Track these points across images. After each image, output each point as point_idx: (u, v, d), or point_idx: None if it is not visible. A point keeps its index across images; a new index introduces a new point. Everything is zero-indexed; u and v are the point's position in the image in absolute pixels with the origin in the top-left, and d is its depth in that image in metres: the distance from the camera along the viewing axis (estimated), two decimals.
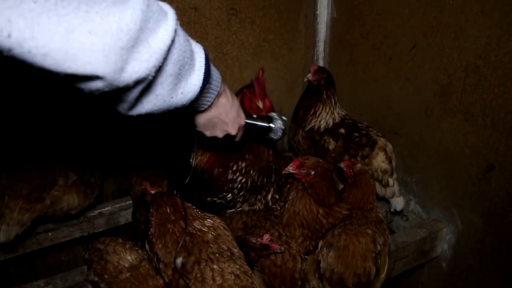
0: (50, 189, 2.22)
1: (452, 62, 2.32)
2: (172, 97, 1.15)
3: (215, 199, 2.12)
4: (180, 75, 1.14)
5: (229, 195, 2.10)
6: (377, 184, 2.55)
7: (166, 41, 1.00)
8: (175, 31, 1.03)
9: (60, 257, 3.15)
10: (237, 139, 1.67)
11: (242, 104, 2.00)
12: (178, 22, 1.06)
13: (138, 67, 0.95)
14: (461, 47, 2.26)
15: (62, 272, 2.32)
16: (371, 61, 2.90)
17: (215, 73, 1.35)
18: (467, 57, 2.24)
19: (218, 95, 1.43)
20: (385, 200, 2.64)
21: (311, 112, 2.66)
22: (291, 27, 3.30)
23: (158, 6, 1.01)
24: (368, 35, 2.87)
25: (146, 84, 1.03)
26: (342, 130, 2.61)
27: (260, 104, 1.97)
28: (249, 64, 3.16)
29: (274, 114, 1.83)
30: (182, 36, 1.09)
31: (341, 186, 2.48)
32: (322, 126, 2.63)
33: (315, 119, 2.64)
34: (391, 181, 2.54)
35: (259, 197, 2.20)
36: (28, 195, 2.12)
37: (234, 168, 2.07)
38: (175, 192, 2.28)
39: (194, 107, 1.39)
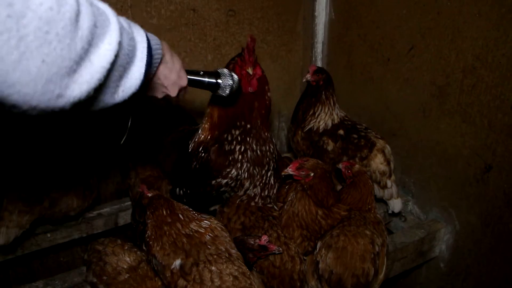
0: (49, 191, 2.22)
1: (450, 63, 2.33)
2: (114, 98, 1.08)
3: (220, 179, 2.13)
4: (121, 77, 1.07)
5: (233, 170, 2.12)
6: (375, 186, 2.55)
7: (109, 58, 0.93)
8: (119, 43, 0.96)
9: (59, 258, 3.15)
10: (179, 98, 1.61)
11: (234, 72, 1.95)
12: (122, 24, 1.00)
13: (78, 91, 0.88)
14: (459, 48, 2.27)
15: (61, 273, 2.32)
16: (369, 62, 2.91)
17: (157, 52, 1.28)
18: (464, 58, 2.25)
19: (158, 65, 1.38)
20: (383, 201, 2.64)
21: (310, 113, 2.66)
22: (290, 28, 3.31)
23: (103, 17, 0.93)
24: (366, 37, 2.88)
25: (85, 99, 0.93)
26: (341, 132, 2.61)
27: (250, 71, 1.98)
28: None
29: (224, 70, 1.75)
30: (125, 35, 1.02)
31: (339, 187, 2.48)
32: (321, 127, 2.63)
33: (314, 120, 2.64)
34: (389, 183, 2.54)
35: (263, 172, 2.21)
36: (27, 197, 2.13)
37: (229, 138, 2.10)
38: (177, 189, 2.29)
39: None
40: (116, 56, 0.95)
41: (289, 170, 2.09)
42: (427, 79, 2.48)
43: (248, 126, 2.11)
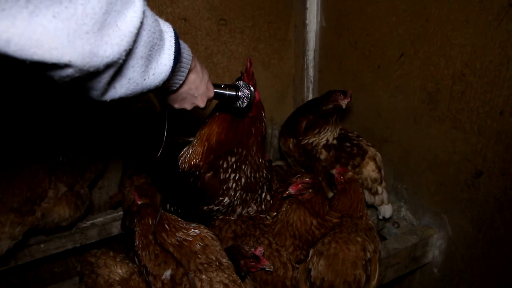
0: (40, 202, 2.23)
1: (439, 70, 2.35)
2: (144, 79, 1.14)
3: (212, 206, 2.10)
4: (151, 57, 1.13)
5: (226, 198, 2.08)
6: (366, 192, 2.58)
7: (136, 23, 0.98)
8: (143, 12, 1.01)
9: (53, 269, 3.15)
10: (205, 109, 1.67)
11: None
12: (146, 2, 1.04)
13: (110, 51, 0.94)
14: (448, 55, 2.29)
15: (55, 284, 2.32)
16: (360, 69, 2.93)
17: (186, 51, 1.35)
18: (453, 65, 2.27)
19: (189, 72, 1.43)
20: (374, 206, 2.66)
21: (315, 131, 2.65)
22: (281, 36, 3.34)
23: None
24: (357, 44, 2.90)
25: (117, 68, 1.01)
26: (334, 141, 2.63)
27: None
28: (240, 73, 3.21)
29: (241, 83, 1.81)
30: (150, 16, 1.07)
31: (330, 194, 2.50)
32: (321, 143, 2.64)
33: (318, 138, 2.64)
34: (380, 189, 2.56)
35: (255, 196, 2.19)
36: (19, 208, 2.13)
37: (225, 166, 2.05)
38: (168, 206, 2.26)
39: (166, 87, 1.39)
40: (142, 23, 1.01)
41: (291, 191, 2.08)
42: (417, 86, 2.50)
43: (245, 152, 2.07)
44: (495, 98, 2.10)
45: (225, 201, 2.08)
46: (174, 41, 1.21)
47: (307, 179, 2.09)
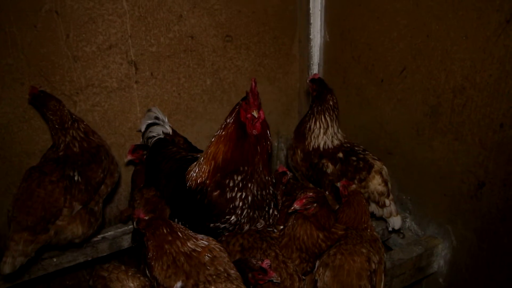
0: (55, 220, 2.26)
1: (440, 84, 2.40)
2: None
3: (218, 224, 2.14)
4: None
5: (232, 217, 2.12)
6: (374, 205, 2.61)
7: None
8: None
9: (65, 281, 3.20)
10: None
11: (238, 115, 2.07)
12: None
13: None
14: (448, 69, 2.34)
15: None
16: (364, 83, 2.98)
17: None
18: (454, 78, 2.32)
19: None
20: (383, 219, 2.68)
21: (307, 128, 2.73)
22: (286, 51, 3.40)
23: None
24: (360, 58, 2.96)
25: None
26: (340, 154, 2.67)
27: (255, 113, 2.01)
28: (246, 88, 3.22)
29: None
30: None
31: (337, 206, 2.53)
32: (321, 146, 2.68)
33: (314, 138, 2.69)
34: (387, 202, 2.58)
35: (263, 213, 2.23)
36: (33, 227, 2.15)
37: (231, 184, 2.09)
38: (176, 220, 2.29)
39: None
40: None
41: (296, 206, 2.10)
42: (419, 99, 2.55)
43: (250, 171, 2.11)
44: (495, 111, 2.14)
45: (232, 219, 2.13)
46: None
47: (310, 194, 2.12)
